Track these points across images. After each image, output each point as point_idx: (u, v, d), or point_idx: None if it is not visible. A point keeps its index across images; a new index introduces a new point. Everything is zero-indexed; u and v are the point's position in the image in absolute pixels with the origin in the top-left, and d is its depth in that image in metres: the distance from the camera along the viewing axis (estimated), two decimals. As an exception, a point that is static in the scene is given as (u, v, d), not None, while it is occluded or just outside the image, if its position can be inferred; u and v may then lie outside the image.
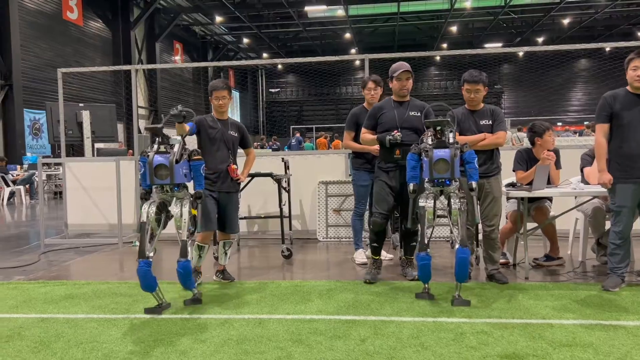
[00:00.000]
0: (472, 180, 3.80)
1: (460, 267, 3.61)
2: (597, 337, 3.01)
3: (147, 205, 3.65)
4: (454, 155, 3.67)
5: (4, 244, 7.12)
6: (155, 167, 3.59)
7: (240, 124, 4.69)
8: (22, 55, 17.88)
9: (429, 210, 3.75)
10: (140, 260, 3.51)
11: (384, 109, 4.43)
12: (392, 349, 2.92)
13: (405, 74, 4.36)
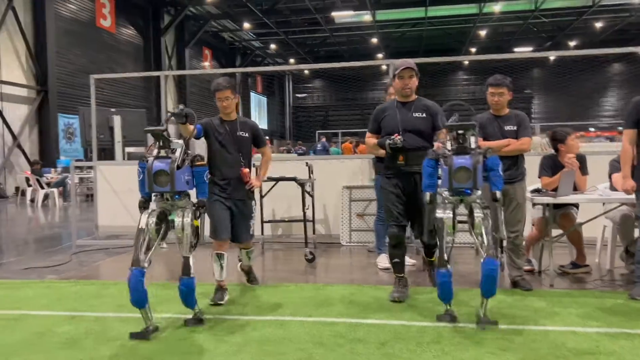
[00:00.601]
0: (496, 188, 3.46)
1: (487, 280, 3.21)
2: (621, 346, 2.97)
3: (147, 215, 3.36)
4: (476, 162, 3.28)
5: (38, 244, 7.36)
6: (154, 174, 3.30)
7: (252, 122, 4.38)
8: (57, 62, 18.45)
9: (448, 222, 3.38)
10: (133, 268, 3.18)
11: (387, 111, 4.11)
12: (411, 352, 2.93)
13: (408, 72, 3.99)
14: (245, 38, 33.18)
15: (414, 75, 4.01)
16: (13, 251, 6.83)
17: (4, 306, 4.04)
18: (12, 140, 16.99)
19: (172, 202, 3.44)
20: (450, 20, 29.12)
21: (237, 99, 4.18)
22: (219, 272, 3.98)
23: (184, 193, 3.45)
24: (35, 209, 12.81)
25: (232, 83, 4.13)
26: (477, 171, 3.28)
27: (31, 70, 17.83)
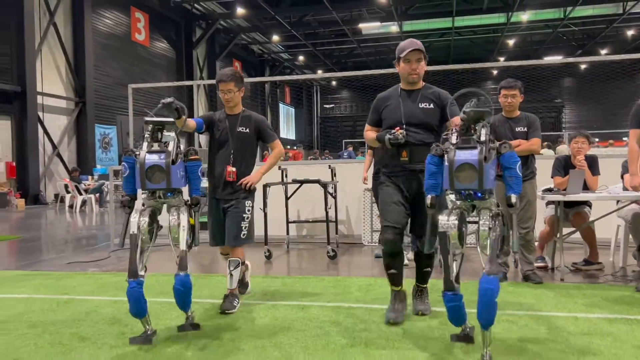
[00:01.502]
0: (512, 192, 2.78)
1: (484, 304, 2.57)
2: (618, 329, 3.17)
3: (137, 215, 3.07)
4: (483, 157, 2.63)
5: (78, 244, 7.85)
6: (147, 169, 3.00)
7: (258, 116, 4.02)
8: (94, 75, 19.30)
9: (452, 232, 2.75)
10: (131, 281, 2.96)
11: (389, 100, 3.53)
12: (420, 330, 3.19)
13: (415, 54, 3.38)
14: (274, 50, 33.87)
15: (423, 59, 3.42)
16: (56, 249, 7.33)
17: (54, 292, 4.47)
18: (52, 149, 17.83)
19: (164, 200, 3.17)
20: (477, 29, 29.16)
21: (242, 92, 3.89)
22: (229, 281, 3.80)
23: (177, 190, 3.17)
24: (73, 214, 13.44)
25: (237, 75, 3.84)
26: (485, 169, 2.64)
27: (70, 83, 18.71)
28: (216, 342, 3.10)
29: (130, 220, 3.06)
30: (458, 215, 2.79)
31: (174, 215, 3.17)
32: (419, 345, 2.98)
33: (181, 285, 3.03)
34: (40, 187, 17.04)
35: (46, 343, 3.15)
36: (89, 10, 18.82)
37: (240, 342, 3.09)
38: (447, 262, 2.78)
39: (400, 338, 3.10)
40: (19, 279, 5.11)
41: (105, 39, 20.28)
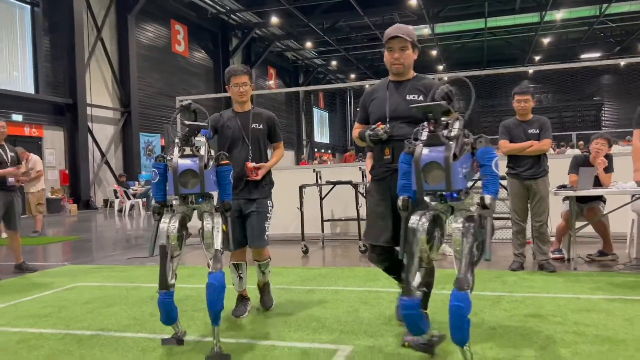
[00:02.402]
0: (486, 192, 2.48)
1: (454, 323, 2.40)
2: (615, 307, 3.58)
3: (168, 221, 2.99)
4: (450, 155, 2.42)
5: (132, 242, 8.61)
6: (180, 174, 2.92)
7: (270, 114, 3.87)
8: (138, 86, 20.37)
9: (421, 236, 2.52)
10: (162, 292, 2.93)
11: (376, 93, 3.19)
12: (437, 308, 3.67)
13: (398, 42, 3.00)
14: (307, 56, 34.59)
15: (408, 47, 3.03)
16: (113, 248, 8.09)
17: (122, 281, 5.17)
18: (101, 157, 18.93)
19: (195, 205, 3.09)
20: (511, 29, 29.09)
21: (252, 88, 3.78)
22: (238, 283, 3.78)
23: (209, 195, 3.11)
24: (123, 217, 14.36)
25: (249, 70, 3.77)
26: (453, 167, 2.41)
27: (116, 94, 19.82)
28: (262, 315, 3.67)
29: (160, 229, 3.00)
30: (430, 217, 2.55)
31: (208, 220, 3.06)
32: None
33: (216, 281, 2.86)
34: (91, 193, 18.13)
35: (123, 318, 3.79)
36: (132, 25, 19.91)
37: (281, 315, 3.65)
38: (409, 264, 2.56)
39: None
40: (89, 271, 5.83)
41: (148, 51, 21.36)
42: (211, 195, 3.13)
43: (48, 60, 17.01)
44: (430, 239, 2.55)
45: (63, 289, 4.86)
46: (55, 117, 17.12)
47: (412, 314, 2.52)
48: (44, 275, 5.63)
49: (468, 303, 2.37)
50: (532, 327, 3.22)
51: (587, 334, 3.04)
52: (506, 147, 4.98)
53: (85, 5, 17.87)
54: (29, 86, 16.64)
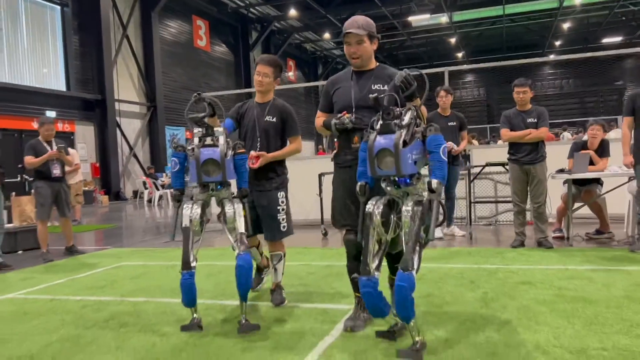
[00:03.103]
0: (434, 177, 2.61)
1: (399, 301, 2.54)
2: (598, 275, 4.04)
3: (190, 207, 3.20)
4: (399, 142, 2.57)
5: (164, 229, 9.27)
6: (203, 163, 3.10)
7: (286, 107, 3.80)
8: (163, 81, 21.09)
9: (376, 219, 2.70)
10: (184, 272, 3.12)
11: (339, 83, 3.26)
12: (435, 280, 4.18)
13: (354, 37, 3.07)
14: (326, 47, 34.95)
15: (364, 40, 3.08)
16: (149, 233, 8.75)
17: (162, 260, 5.82)
18: (129, 150, 19.74)
19: (214, 192, 3.26)
20: (530, 15, 28.98)
21: (277, 83, 3.75)
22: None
23: (227, 183, 3.28)
24: (152, 207, 15.10)
25: (277, 63, 3.75)
26: (402, 154, 2.57)
27: (142, 89, 20.57)
28: (291, 291, 4.23)
29: (183, 214, 3.19)
30: (385, 201, 2.74)
31: (229, 206, 3.23)
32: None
33: (244, 262, 3.05)
34: (120, 185, 18.96)
35: (167, 289, 4.39)
36: (156, 22, 20.59)
37: (302, 285, 4.20)
38: (366, 246, 2.71)
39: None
40: (130, 253, 6.48)
41: (171, 47, 22.05)
42: (229, 183, 3.29)
43: (78, 59, 17.79)
44: (385, 222, 2.73)
45: (111, 267, 5.50)
46: (85, 113, 17.93)
47: (370, 293, 2.66)
48: (91, 257, 6.29)
49: (411, 283, 2.51)
50: (520, 291, 3.71)
51: (567, 295, 3.52)
52: (507, 135, 5.43)
53: (111, 4, 18.59)
54: (61, 84, 17.46)
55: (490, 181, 7.53)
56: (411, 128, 2.64)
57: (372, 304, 2.69)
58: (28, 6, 16.36)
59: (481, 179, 7.37)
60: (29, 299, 4.28)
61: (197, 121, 3.24)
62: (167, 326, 3.33)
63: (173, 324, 3.34)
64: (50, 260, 6.09)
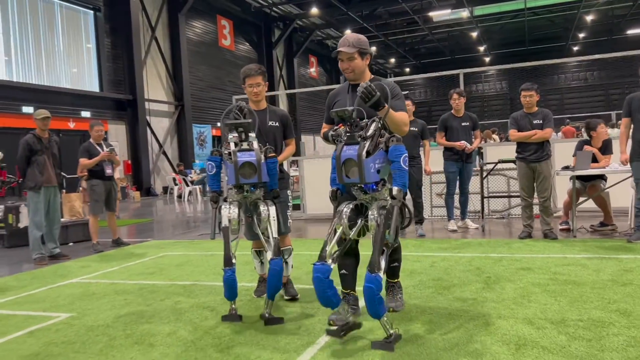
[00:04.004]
0: (395, 184, 2.84)
1: (367, 301, 2.74)
2: (592, 262, 4.51)
3: (228, 207, 3.41)
4: (363, 152, 2.81)
5: (197, 223, 9.95)
6: (240, 166, 3.31)
7: (284, 111, 4.12)
8: (190, 80, 21.84)
9: (344, 221, 2.98)
10: (227, 269, 3.36)
11: (338, 96, 3.52)
12: (448, 267, 4.70)
13: (345, 54, 3.30)
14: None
15: (355, 57, 3.30)
16: (183, 227, 9.43)
17: (200, 250, 6.44)
18: (158, 147, 20.56)
19: (248, 194, 3.46)
20: (552, 8, 28.91)
21: (266, 86, 3.96)
22: (260, 267, 4.09)
23: (260, 185, 3.46)
24: (182, 202, 15.85)
25: (263, 70, 3.93)
26: (365, 163, 2.81)
27: (170, 89, 21.36)
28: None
29: (222, 214, 3.40)
30: (353, 206, 3.02)
31: (264, 207, 3.46)
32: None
33: (277, 266, 3.26)
34: (151, 181, 19.79)
35: (209, 274, 5.01)
36: (182, 23, 21.33)
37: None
38: (329, 237, 3.00)
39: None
40: (171, 244, 7.14)
41: (197, 47, 22.78)
42: (262, 185, 3.48)
43: (110, 60, 18.63)
44: (352, 225, 2.99)
45: (156, 257, 6.16)
46: (117, 113, 18.78)
47: (319, 278, 2.85)
48: (136, 248, 6.97)
49: (378, 284, 2.72)
50: (519, 275, 4.21)
51: (559, 279, 4.01)
52: (514, 136, 5.90)
53: (140, 7, 19.37)
54: (94, 85, 18.34)
55: (503, 177, 7.98)
56: (375, 139, 2.88)
57: (321, 290, 2.86)
58: (64, 12, 17.24)
59: (494, 175, 7.83)
60: (92, 282, 4.94)
61: (236, 126, 3.41)
62: (214, 303, 3.93)
63: (219, 302, 3.94)
64: (101, 251, 6.79)
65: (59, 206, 6.62)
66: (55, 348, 3.13)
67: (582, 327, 2.95)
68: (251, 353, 2.87)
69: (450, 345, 2.81)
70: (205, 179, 17.66)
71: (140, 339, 3.20)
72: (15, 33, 15.52)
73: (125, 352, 3.00)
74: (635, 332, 2.83)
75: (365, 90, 2.93)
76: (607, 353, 2.58)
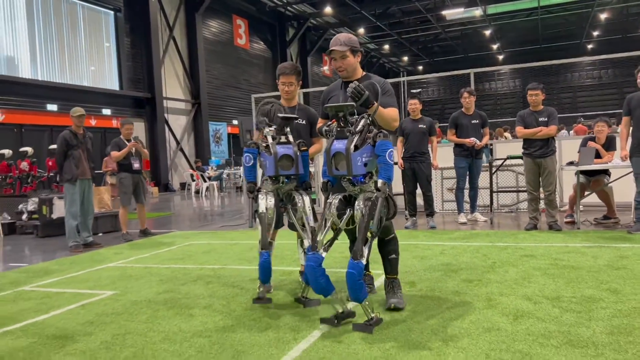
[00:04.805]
0: (380, 177, 3.00)
1: (349, 285, 2.93)
2: (591, 250, 4.85)
3: (264, 196, 3.57)
4: (351, 146, 3.00)
5: (216, 216, 10.38)
6: (280, 158, 3.45)
7: (312, 110, 4.24)
8: (207, 79, 22.32)
9: (333, 210, 3.20)
10: (263, 252, 3.47)
11: (332, 93, 3.68)
12: (454, 254, 5.06)
13: (338, 53, 3.47)
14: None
15: (347, 55, 3.47)
16: (202, 220, 9.87)
17: (223, 239, 6.86)
18: (176, 145, 21.08)
19: (282, 185, 3.58)
20: (566, 7, 28.94)
21: (300, 85, 4.15)
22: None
23: (293, 176, 3.58)
24: (200, 197, 16.33)
25: (298, 70, 4.11)
26: (353, 157, 2.99)
27: (187, 87, 21.85)
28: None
29: (260, 202, 3.56)
30: (341, 197, 3.22)
31: (299, 198, 3.58)
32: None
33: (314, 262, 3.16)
34: (168, 177, 20.31)
35: (234, 259, 5.42)
36: (199, 23, 21.81)
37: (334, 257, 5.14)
38: (320, 227, 3.20)
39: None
40: (195, 235, 7.58)
41: (213, 46, 23.26)
42: (296, 177, 3.60)
43: (129, 60, 19.16)
44: (340, 215, 3.21)
45: (183, 245, 6.59)
46: (137, 110, 19.31)
47: (312, 267, 3.04)
48: (163, 238, 7.42)
49: (359, 270, 2.89)
50: (522, 261, 4.57)
51: (559, 264, 4.35)
52: (521, 132, 6.23)
53: (159, 7, 19.88)
54: (115, 83, 18.88)
55: (511, 172, 8.30)
56: (363, 134, 3.06)
57: (314, 277, 3.04)
58: (86, 13, 17.79)
59: (503, 171, 8.15)
60: (127, 266, 5.38)
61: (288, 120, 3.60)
62: (243, 283, 4.34)
63: (248, 282, 4.34)
64: (130, 240, 7.24)
65: (92, 198, 7.09)
66: (107, 318, 3.55)
67: (575, 302, 3.30)
68: (280, 320, 3.26)
69: (456, 315, 3.18)
70: (222, 174, 18.16)
71: (181, 311, 3.61)
72: (40, 33, 16.09)
73: (169, 321, 3.41)
74: (621, 306, 3.18)
75: (354, 90, 3.09)
76: (594, 322, 2.93)
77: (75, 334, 3.25)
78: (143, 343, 3.01)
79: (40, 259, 6.26)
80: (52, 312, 3.77)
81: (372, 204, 2.97)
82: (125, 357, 2.82)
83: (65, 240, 6.96)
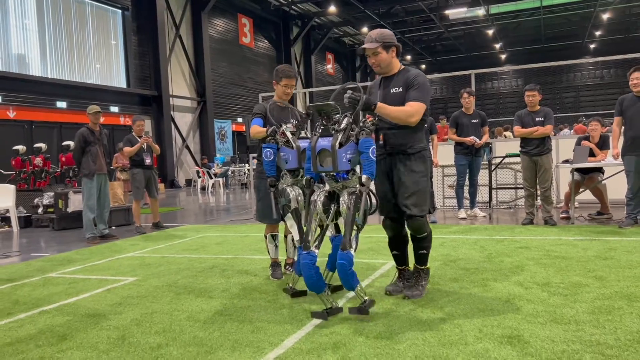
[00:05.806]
0: (364, 173, 3.12)
1: (341, 275, 3.10)
2: (582, 243, 5.15)
3: (292, 190, 3.54)
4: (336, 144, 3.14)
5: (223, 211, 10.70)
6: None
7: (301, 112, 4.40)
8: (212, 77, 22.63)
9: (319, 207, 3.29)
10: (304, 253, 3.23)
11: (372, 89, 3.70)
12: (456, 247, 5.36)
13: (370, 51, 3.48)
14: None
15: (379, 51, 3.46)
16: (212, 215, 10.19)
17: (234, 232, 7.18)
18: (182, 142, 21.41)
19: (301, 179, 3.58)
20: (568, 6, 29.14)
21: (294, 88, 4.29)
22: (274, 251, 4.36)
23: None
24: (206, 194, 16.65)
25: (295, 74, 4.31)
26: (338, 153, 3.12)
27: (193, 85, 22.17)
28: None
29: (290, 197, 3.52)
30: (326, 193, 3.31)
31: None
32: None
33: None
34: (175, 174, 20.64)
35: (247, 250, 5.74)
36: (205, 21, 22.12)
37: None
38: (309, 227, 3.27)
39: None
40: (206, 228, 7.90)
41: (219, 45, 23.57)
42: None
43: (137, 58, 19.49)
44: (326, 210, 3.31)
45: (196, 237, 6.91)
46: (143, 108, 19.64)
47: (307, 264, 3.14)
48: (176, 231, 7.74)
49: (349, 260, 3.05)
50: (517, 252, 4.87)
51: (551, 255, 4.66)
52: (518, 132, 6.53)
53: (165, 6, 20.19)
54: (122, 81, 19.21)
55: (510, 170, 8.60)
56: (347, 132, 3.20)
57: (309, 275, 3.14)
58: (94, 11, 18.11)
59: (502, 168, 8.45)
60: (145, 256, 5.70)
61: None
62: (256, 271, 4.66)
63: (260, 270, 4.66)
64: (144, 232, 7.57)
65: (108, 192, 7.41)
66: (132, 300, 3.87)
67: (562, 287, 3.61)
68: (294, 302, 3.57)
69: (453, 299, 3.48)
70: (228, 171, 18.48)
71: (201, 294, 3.93)
72: (50, 32, 16.43)
73: (191, 302, 3.73)
74: (604, 291, 3.48)
75: (349, 100, 3.17)
76: (578, 304, 3.24)
77: (106, 313, 3.57)
78: (170, 320, 3.33)
79: (59, 250, 6.58)
80: (81, 295, 4.09)
81: (357, 197, 3.13)
82: (155, 331, 3.14)
83: (80, 232, 7.30)
